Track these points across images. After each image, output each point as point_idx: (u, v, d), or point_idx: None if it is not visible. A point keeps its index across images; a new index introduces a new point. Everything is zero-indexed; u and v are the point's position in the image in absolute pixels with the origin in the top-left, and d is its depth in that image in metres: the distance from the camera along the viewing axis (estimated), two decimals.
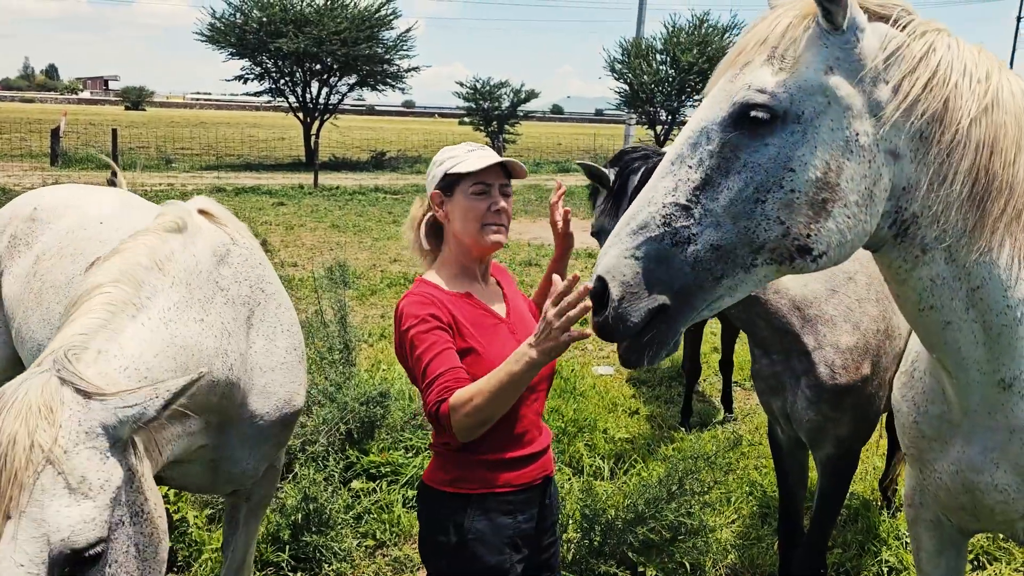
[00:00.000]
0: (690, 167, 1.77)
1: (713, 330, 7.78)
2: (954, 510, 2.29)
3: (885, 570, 4.06)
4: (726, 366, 6.25)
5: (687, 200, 1.75)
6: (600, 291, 1.79)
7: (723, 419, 6.16)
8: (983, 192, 1.76)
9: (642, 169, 3.38)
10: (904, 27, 1.77)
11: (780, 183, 1.70)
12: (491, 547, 2.28)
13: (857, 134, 1.71)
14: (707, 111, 1.81)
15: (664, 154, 2.23)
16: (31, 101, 79.35)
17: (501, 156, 2.36)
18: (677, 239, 1.74)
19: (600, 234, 3.57)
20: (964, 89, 1.74)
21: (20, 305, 3.05)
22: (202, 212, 2.57)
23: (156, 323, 2.12)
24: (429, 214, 2.43)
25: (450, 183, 2.33)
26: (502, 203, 2.32)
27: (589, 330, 1.93)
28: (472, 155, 2.32)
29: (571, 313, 1.91)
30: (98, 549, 1.75)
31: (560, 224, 2.63)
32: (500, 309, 2.42)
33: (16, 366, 3.27)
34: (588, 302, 1.86)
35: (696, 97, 24.54)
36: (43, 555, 1.68)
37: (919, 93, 1.72)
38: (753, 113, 1.71)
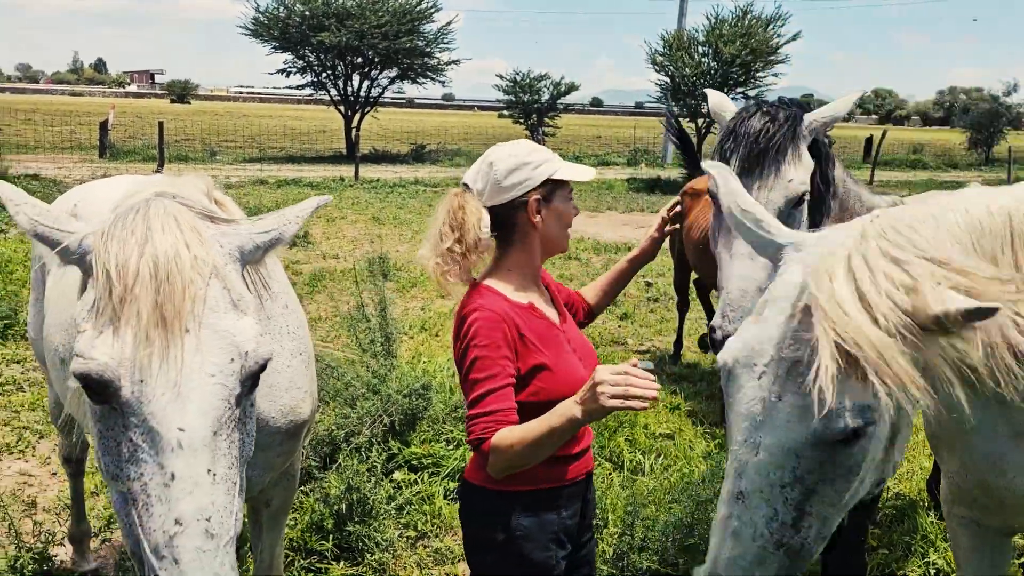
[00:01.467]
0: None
1: None
2: (980, 509, 2.32)
3: (932, 572, 3.98)
4: None
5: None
6: None
7: None
8: None
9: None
10: None
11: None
12: (537, 543, 2.28)
13: None
14: None
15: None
16: (80, 95, 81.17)
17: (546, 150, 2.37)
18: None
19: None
20: None
21: (50, 306, 2.93)
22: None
23: None
24: (486, 214, 2.29)
25: (551, 188, 2.29)
26: (574, 212, 2.42)
27: (638, 404, 1.90)
28: (563, 162, 2.33)
29: (628, 391, 1.89)
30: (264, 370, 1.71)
31: (660, 227, 2.74)
32: (554, 315, 2.43)
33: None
34: (648, 390, 1.88)
35: (739, 90, 24.24)
36: (233, 366, 1.64)
37: None
38: None
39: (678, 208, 2.73)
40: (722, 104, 3.11)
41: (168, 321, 1.58)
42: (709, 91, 3.26)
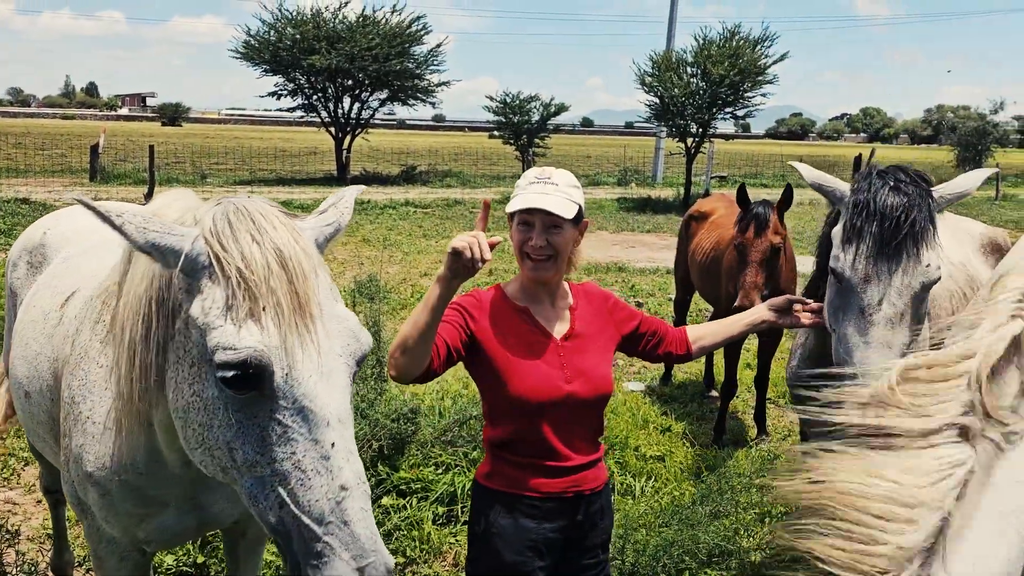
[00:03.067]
0: None
1: (747, 346, 7.69)
2: None
3: None
4: (761, 383, 6.14)
5: None
6: None
7: (757, 438, 6.07)
8: None
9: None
10: None
11: None
12: (510, 545, 2.39)
13: None
14: None
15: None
16: (72, 118, 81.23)
17: (549, 182, 2.40)
18: None
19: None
20: None
21: (16, 338, 2.81)
22: None
23: None
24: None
25: (512, 216, 2.45)
26: (535, 241, 2.37)
27: (473, 252, 2.08)
28: (529, 189, 2.39)
29: (472, 243, 2.07)
30: None
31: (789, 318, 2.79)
32: (557, 327, 2.48)
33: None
34: (484, 251, 2.07)
35: (727, 110, 24.39)
36: (351, 348, 1.78)
37: None
38: None
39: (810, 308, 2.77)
40: (824, 177, 2.95)
41: (303, 309, 1.70)
42: (800, 166, 3.12)
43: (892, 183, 2.70)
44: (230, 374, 1.63)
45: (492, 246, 2.10)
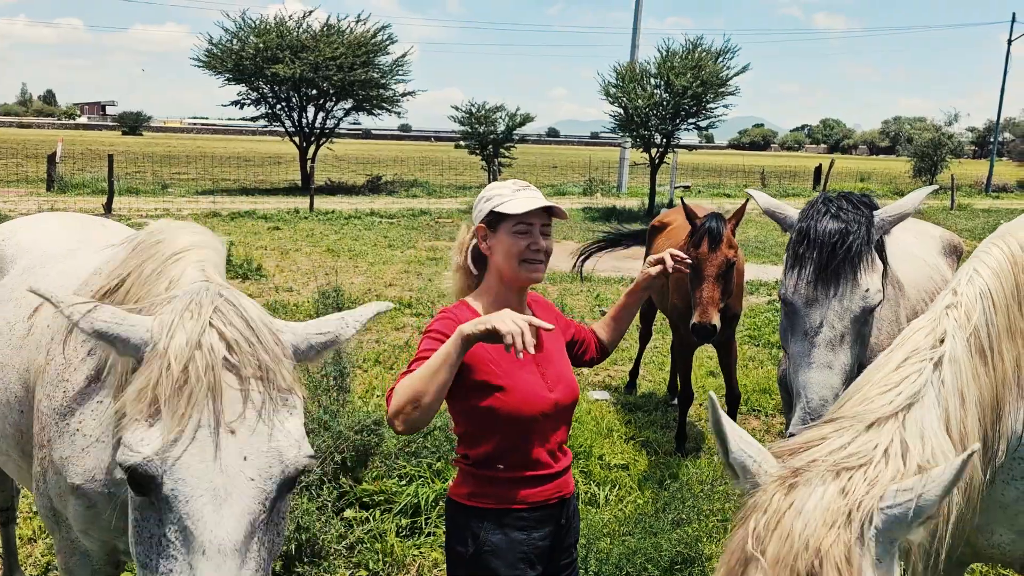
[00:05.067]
0: None
1: (709, 354, 7.76)
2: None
3: None
4: (732, 400, 5.97)
5: None
6: None
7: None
8: None
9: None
10: None
11: None
12: (505, 560, 2.37)
13: None
14: None
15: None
16: (28, 127, 79.66)
17: (533, 188, 2.47)
18: None
19: (788, 302, 2.89)
20: None
21: None
22: None
23: None
24: (475, 241, 2.52)
25: (495, 220, 2.43)
26: (542, 243, 2.42)
27: (517, 341, 2.01)
28: (519, 195, 2.42)
29: (519, 330, 2.02)
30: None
31: (662, 267, 2.69)
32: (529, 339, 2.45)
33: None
34: (528, 344, 2.00)
35: (690, 120, 24.67)
36: (273, 471, 1.63)
37: None
38: None
39: (669, 263, 2.67)
40: (776, 204, 3.08)
41: (216, 421, 1.59)
42: (755, 193, 3.26)
43: (833, 210, 2.83)
44: (125, 474, 1.59)
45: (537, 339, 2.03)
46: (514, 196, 2.42)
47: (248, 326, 1.70)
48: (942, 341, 1.98)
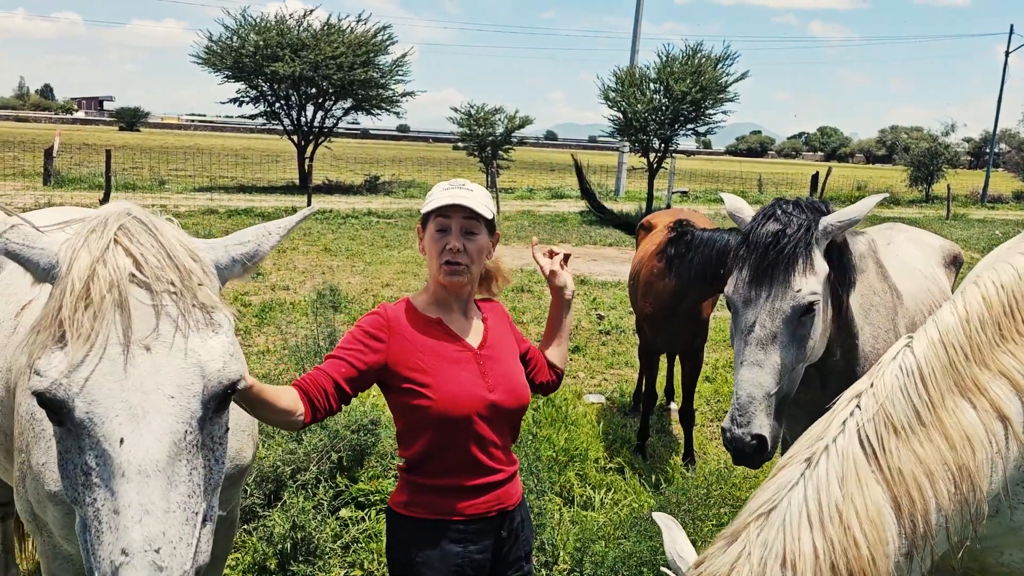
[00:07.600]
0: None
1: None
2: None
3: None
4: (686, 417, 5.85)
5: None
6: None
7: (684, 464, 5.72)
8: None
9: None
10: None
11: None
12: (437, 573, 2.32)
13: None
14: None
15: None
16: (25, 120, 79.40)
17: (487, 186, 2.40)
18: None
19: (734, 303, 2.97)
20: None
21: None
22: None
23: None
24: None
25: (424, 220, 2.39)
26: (453, 243, 2.31)
27: None
28: (444, 194, 2.35)
29: None
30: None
31: (548, 269, 2.69)
32: (474, 339, 2.43)
33: None
34: None
35: (689, 126, 24.71)
36: (195, 387, 1.56)
37: None
38: None
39: (536, 243, 2.69)
40: (738, 207, 3.18)
41: (127, 338, 1.51)
42: (725, 195, 3.34)
43: (777, 214, 2.91)
44: (39, 402, 1.52)
45: None
46: (440, 195, 2.34)
47: (157, 242, 1.62)
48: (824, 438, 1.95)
